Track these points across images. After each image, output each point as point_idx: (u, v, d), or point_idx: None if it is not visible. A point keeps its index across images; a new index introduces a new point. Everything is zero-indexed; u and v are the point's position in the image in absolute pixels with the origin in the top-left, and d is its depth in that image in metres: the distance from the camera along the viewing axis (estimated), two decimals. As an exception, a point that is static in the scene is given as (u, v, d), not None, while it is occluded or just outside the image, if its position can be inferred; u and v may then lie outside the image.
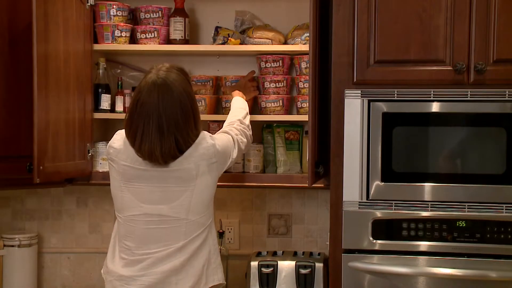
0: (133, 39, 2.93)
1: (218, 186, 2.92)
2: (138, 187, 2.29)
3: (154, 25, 2.90)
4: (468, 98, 2.38)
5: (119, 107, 2.90)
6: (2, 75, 2.64)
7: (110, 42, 2.87)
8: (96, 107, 2.89)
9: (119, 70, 3.04)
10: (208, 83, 2.93)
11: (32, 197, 3.13)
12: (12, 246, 2.98)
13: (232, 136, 2.48)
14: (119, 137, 2.34)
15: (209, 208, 2.39)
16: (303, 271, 2.74)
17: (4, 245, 2.98)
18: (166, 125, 2.22)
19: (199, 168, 2.29)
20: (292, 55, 2.92)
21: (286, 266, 2.76)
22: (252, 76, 2.87)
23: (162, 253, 2.28)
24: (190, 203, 2.30)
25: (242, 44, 2.89)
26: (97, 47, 2.87)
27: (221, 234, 2.97)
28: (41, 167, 2.47)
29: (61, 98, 2.62)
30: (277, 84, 2.88)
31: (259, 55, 2.91)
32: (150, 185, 2.29)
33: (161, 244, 2.29)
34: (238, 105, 2.69)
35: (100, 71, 2.91)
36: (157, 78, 2.25)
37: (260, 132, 2.97)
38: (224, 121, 2.89)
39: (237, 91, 2.77)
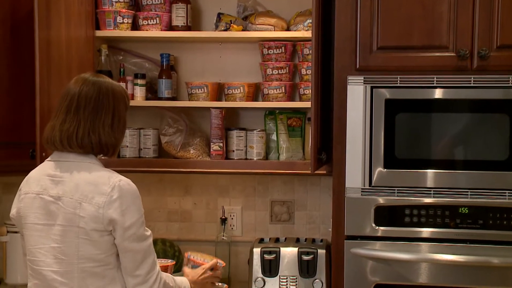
0: (135, 26, 2.92)
1: (220, 173, 2.95)
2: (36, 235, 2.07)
3: (156, 11, 2.89)
4: (471, 85, 2.37)
5: (121, 93, 2.89)
6: (4, 62, 2.63)
7: (112, 28, 2.86)
8: (99, 94, 2.89)
9: (121, 57, 3.04)
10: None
11: (35, 184, 3.13)
12: (16, 232, 2.96)
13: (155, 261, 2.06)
14: (13, 206, 2.18)
15: (109, 258, 2.04)
16: (305, 257, 2.74)
17: (8, 232, 2.99)
18: (76, 105, 2.05)
19: (81, 207, 2.00)
20: (295, 41, 2.90)
21: (288, 252, 2.77)
22: (214, 265, 2.43)
23: None
24: (78, 247, 2.01)
25: (245, 30, 2.88)
26: (99, 33, 2.86)
27: (223, 221, 2.98)
28: (43, 154, 2.47)
29: (63, 85, 2.57)
30: (279, 70, 2.87)
31: (262, 41, 2.90)
32: (44, 234, 2.05)
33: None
34: (185, 285, 2.24)
35: (102, 57, 2.90)
36: (90, 75, 2.13)
37: (263, 118, 2.96)
38: (227, 107, 2.90)
39: (191, 281, 2.31)
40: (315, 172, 2.51)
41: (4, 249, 3.01)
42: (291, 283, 2.74)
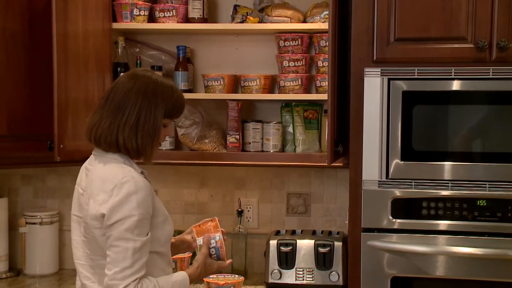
0: (151, 18, 2.92)
1: (236, 165, 2.95)
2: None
3: (172, 3, 2.89)
4: (490, 76, 2.34)
5: (138, 86, 2.90)
6: (22, 55, 2.65)
7: (128, 21, 2.87)
8: (115, 86, 2.90)
9: (137, 49, 3.04)
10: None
11: (53, 176, 3.16)
12: (34, 223, 3.02)
13: (131, 250, 1.90)
14: None
15: None
16: (322, 250, 2.74)
17: (26, 223, 3.02)
18: (106, 97, 1.99)
19: (89, 203, 1.96)
20: (311, 33, 2.89)
21: (305, 245, 2.77)
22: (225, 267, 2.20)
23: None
24: (91, 243, 1.99)
25: (261, 22, 2.87)
26: (115, 26, 2.87)
27: (239, 213, 2.99)
28: (61, 146, 2.49)
29: (80, 77, 2.63)
30: (296, 62, 2.86)
31: (278, 33, 2.89)
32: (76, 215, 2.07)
33: (82, 282, 2.05)
34: (179, 285, 2.03)
35: (119, 50, 2.91)
36: (142, 69, 2.07)
37: (279, 111, 2.96)
38: (243, 100, 2.90)
39: (196, 275, 2.10)
40: (332, 164, 2.50)
41: (23, 240, 3.04)
42: (307, 275, 2.74)
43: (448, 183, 2.38)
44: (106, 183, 1.93)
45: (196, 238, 2.17)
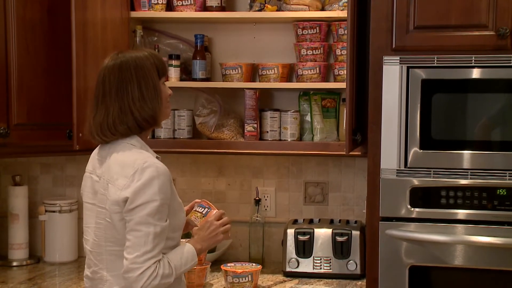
0: (169, 7, 2.92)
1: (254, 154, 2.96)
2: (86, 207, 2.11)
3: (190, -8, 2.89)
4: (511, 64, 2.32)
5: (156, 75, 2.91)
6: (41, 44, 2.67)
7: (146, 9, 2.87)
8: (134, 75, 2.90)
9: (155, 38, 3.05)
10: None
11: (71, 164, 3.18)
12: (53, 211, 3.05)
13: (151, 234, 1.92)
14: None
15: None
16: (339, 238, 2.74)
17: (46, 211, 3.05)
18: (102, 92, 2.02)
19: (108, 188, 1.98)
20: (330, 21, 2.88)
21: (322, 233, 2.77)
22: (220, 216, 2.19)
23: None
24: (105, 229, 2.01)
25: (279, 10, 2.86)
26: (134, 14, 2.88)
27: (257, 202, 2.99)
28: (80, 134, 2.51)
29: (99, 66, 2.59)
30: (314, 51, 2.85)
31: (296, 22, 2.88)
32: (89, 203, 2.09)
33: (91, 269, 2.08)
34: (186, 255, 2.04)
35: (137, 38, 2.91)
36: (110, 59, 2.07)
37: (297, 99, 2.95)
38: (261, 88, 2.90)
39: (198, 240, 2.11)
40: (350, 153, 2.49)
41: (42, 228, 3.07)
42: (325, 264, 2.75)
43: (467, 172, 2.36)
44: (125, 168, 1.95)
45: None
